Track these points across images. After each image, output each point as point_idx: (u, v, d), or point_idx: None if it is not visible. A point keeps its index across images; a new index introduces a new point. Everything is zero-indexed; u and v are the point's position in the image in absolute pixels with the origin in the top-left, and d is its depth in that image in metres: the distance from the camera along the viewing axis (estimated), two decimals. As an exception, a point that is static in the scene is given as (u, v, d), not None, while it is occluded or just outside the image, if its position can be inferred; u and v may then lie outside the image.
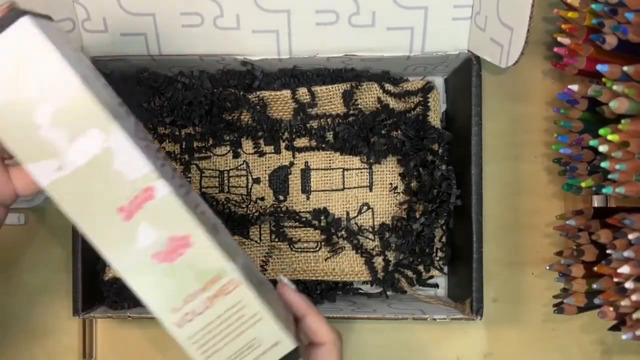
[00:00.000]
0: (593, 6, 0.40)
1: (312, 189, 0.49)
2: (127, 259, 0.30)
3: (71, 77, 0.28)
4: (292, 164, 0.49)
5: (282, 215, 0.48)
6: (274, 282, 0.49)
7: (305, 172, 0.49)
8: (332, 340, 0.35)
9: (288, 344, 0.33)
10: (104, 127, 0.29)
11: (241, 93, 0.47)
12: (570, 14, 0.42)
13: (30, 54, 0.28)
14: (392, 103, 0.48)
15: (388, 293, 0.49)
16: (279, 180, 0.49)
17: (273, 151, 0.49)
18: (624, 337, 0.41)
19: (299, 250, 0.48)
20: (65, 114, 0.28)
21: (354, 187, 0.49)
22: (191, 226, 0.31)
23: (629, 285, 0.39)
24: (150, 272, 0.31)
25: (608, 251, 0.41)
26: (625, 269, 0.39)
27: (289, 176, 0.49)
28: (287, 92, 0.47)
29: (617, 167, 0.38)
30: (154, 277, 0.31)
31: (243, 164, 0.49)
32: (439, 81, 0.50)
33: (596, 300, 0.42)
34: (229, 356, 0.32)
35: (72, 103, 0.28)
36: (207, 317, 0.32)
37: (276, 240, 0.48)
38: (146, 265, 0.31)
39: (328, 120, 0.48)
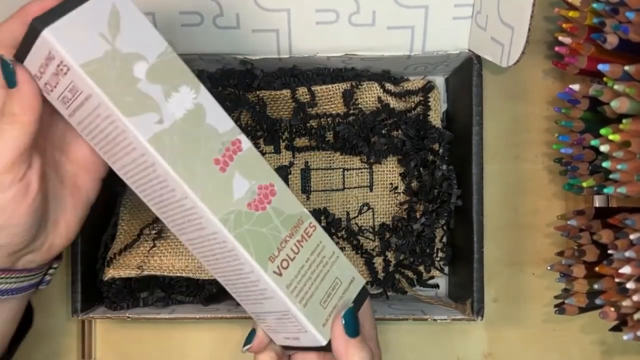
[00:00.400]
0: (594, 5, 0.39)
1: (312, 189, 0.49)
2: (227, 210, 0.31)
3: (159, 38, 0.31)
4: (291, 163, 0.49)
5: (282, 215, 0.48)
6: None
7: (305, 172, 0.49)
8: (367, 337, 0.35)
9: (360, 279, 0.35)
10: (193, 85, 0.31)
11: (241, 92, 0.46)
12: (571, 13, 0.41)
13: (125, 13, 0.30)
14: (393, 102, 0.48)
15: (388, 293, 0.49)
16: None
17: (273, 151, 0.49)
18: (625, 337, 0.41)
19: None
20: (158, 72, 0.30)
21: (354, 187, 0.48)
22: (273, 175, 0.33)
23: (630, 285, 0.39)
24: (248, 221, 0.32)
25: (609, 251, 0.41)
26: (626, 270, 0.39)
27: (289, 176, 0.49)
28: (287, 92, 0.47)
29: (619, 167, 0.38)
30: (252, 226, 0.32)
31: (243, 163, 0.49)
32: (439, 81, 0.50)
33: (597, 301, 0.41)
34: (321, 299, 0.34)
35: (163, 61, 0.31)
36: (299, 262, 0.33)
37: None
38: (244, 215, 0.32)
39: (328, 119, 0.48)
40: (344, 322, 0.34)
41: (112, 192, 0.49)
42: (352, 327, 0.34)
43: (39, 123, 0.31)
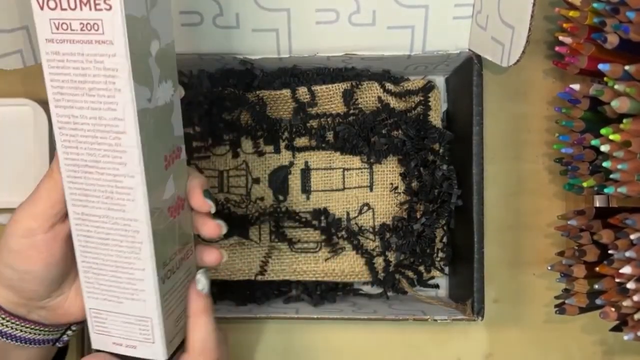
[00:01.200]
0: (594, 5, 0.39)
1: (312, 189, 0.49)
2: (157, 205, 0.32)
3: (171, 29, 0.32)
4: (292, 163, 0.49)
5: (281, 215, 0.48)
6: (275, 282, 0.49)
7: (305, 172, 0.49)
8: (197, 351, 0.34)
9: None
10: (174, 82, 0.33)
11: (241, 92, 0.46)
12: (571, 13, 0.41)
13: None
14: (393, 102, 0.47)
15: (389, 294, 0.49)
16: (278, 180, 0.49)
17: (273, 151, 0.49)
18: (625, 337, 0.41)
19: (299, 250, 0.48)
20: (161, 57, 0.31)
21: (355, 187, 0.48)
22: (185, 192, 0.35)
23: (630, 285, 0.39)
24: (163, 223, 0.33)
25: (610, 251, 0.41)
26: (627, 270, 0.39)
27: (289, 176, 0.49)
28: (286, 92, 0.47)
29: (619, 166, 0.38)
30: (164, 229, 0.33)
31: (242, 163, 0.49)
32: (439, 80, 0.50)
33: (598, 301, 0.41)
34: (177, 317, 0.35)
35: (167, 50, 0.32)
36: (177, 276, 0.35)
37: (276, 240, 0.48)
38: (164, 216, 0.33)
39: (328, 119, 0.48)
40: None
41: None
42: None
43: None
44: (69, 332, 0.38)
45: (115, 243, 0.33)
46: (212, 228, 0.36)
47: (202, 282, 0.35)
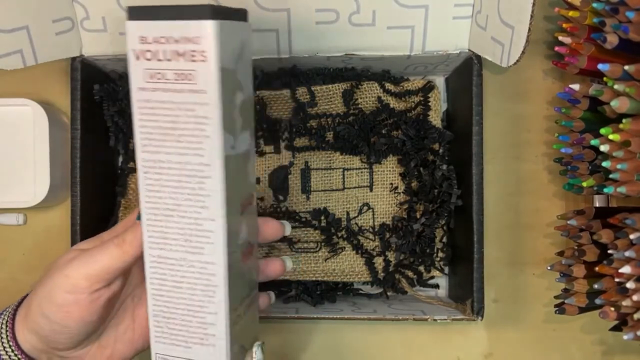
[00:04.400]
0: (594, 5, 0.39)
1: (312, 189, 0.49)
2: (234, 248, 0.33)
3: (251, 81, 0.33)
4: (291, 163, 0.49)
5: (281, 215, 0.48)
6: (275, 283, 0.49)
7: (305, 172, 0.49)
8: None
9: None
10: (251, 133, 0.34)
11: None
12: (571, 13, 0.41)
13: (247, 47, 0.32)
14: (393, 102, 0.48)
15: (388, 293, 0.49)
16: (278, 180, 0.49)
17: (273, 151, 0.49)
18: (625, 337, 0.41)
19: (299, 250, 0.48)
20: (243, 107, 0.32)
21: (354, 187, 0.48)
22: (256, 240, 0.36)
23: (630, 285, 0.39)
24: (237, 266, 0.33)
25: (609, 251, 0.41)
26: (626, 269, 0.39)
27: (289, 176, 0.49)
28: (286, 92, 0.47)
29: (619, 166, 0.38)
30: (237, 272, 0.33)
31: (243, 163, 0.49)
32: (439, 80, 0.50)
33: (597, 301, 0.41)
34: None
35: (247, 102, 0.33)
36: (242, 324, 0.35)
37: (276, 240, 0.48)
38: (238, 258, 0.33)
39: (328, 119, 0.48)
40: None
41: (111, 193, 0.49)
42: None
43: (137, 260, 0.33)
44: None
45: (189, 286, 0.33)
46: (274, 227, 0.37)
47: (258, 356, 0.36)
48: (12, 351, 0.34)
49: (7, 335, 0.34)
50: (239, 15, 0.31)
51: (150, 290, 0.33)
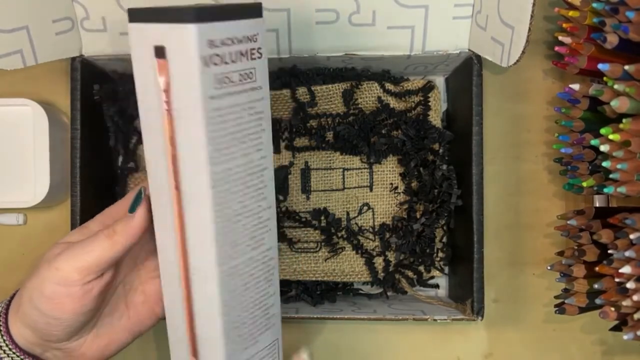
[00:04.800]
0: (594, 5, 0.39)
1: (312, 189, 0.49)
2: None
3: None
4: (291, 163, 0.49)
5: (281, 215, 0.48)
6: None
7: (305, 172, 0.49)
8: None
9: None
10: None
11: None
12: (571, 13, 0.41)
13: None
14: (393, 102, 0.48)
15: (388, 293, 0.49)
16: (278, 180, 0.49)
17: (273, 151, 0.49)
18: (625, 337, 0.41)
19: (299, 250, 0.48)
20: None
21: (354, 187, 0.48)
22: None
23: (630, 285, 0.39)
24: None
25: (609, 251, 0.41)
26: (626, 269, 0.39)
27: (289, 176, 0.49)
28: (286, 92, 0.47)
29: (619, 166, 0.38)
30: None
31: (243, 163, 0.49)
32: (439, 80, 0.50)
33: (597, 301, 0.41)
34: None
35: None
36: None
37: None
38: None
39: (328, 119, 0.48)
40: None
41: (111, 193, 0.49)
42: None
43: (128, 251, 0.34)
44: None
45: (255, 282, 0.33)
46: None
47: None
48: (7, 345, 0.34)
49: (0, 330, 0.34)
50: (261, 10, 0.31)
51: (220, 306, 0.31)
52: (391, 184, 0.48)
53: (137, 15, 0.28)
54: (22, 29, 0.40)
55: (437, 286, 0.50)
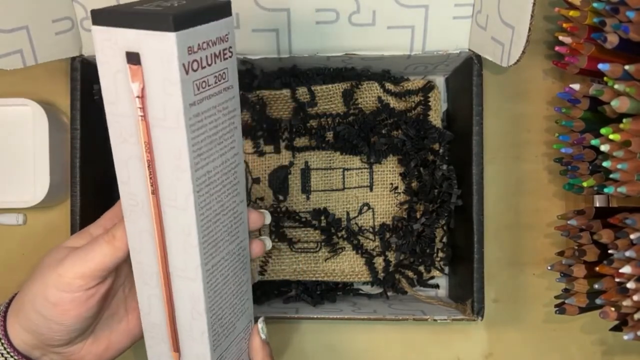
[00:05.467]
0: (594, 5, 0.39)
1: (312, 189, 0.49)
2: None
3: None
4: (291, 163, 0.49)
5: (281, 215, 0.48)
6: (275, 283, 0.49)
7: (305, 172, 0.49)
8: None
9: None
10: None
11: (241, 92, 0.46)
12: (571, 13, 0.41)
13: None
14: (393, 102, 0.47)
15: (388, 294, 0.49)
16: (278, 180, 0.48)
17: (273, 151, 0.49)
18: (625, 337, 0.41)
19: (299, 250, 0.48)
20: None
21: (354, 187, 0.48)
22: None
23: (630, 285, 0.39)
24: None
25: (610, 251, 0.41)
26: (627, 269, 0.39)
27: (289, 176, 0.49)
28: (286, 92, 0.47)
29: (619, 166, 0.38)
30: None
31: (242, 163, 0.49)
32: (439, 80, 0.50)
33: (598, 301, 0.41)
34: None
35: None
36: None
37: (276, 240, 0.48)
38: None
39: (328, 119, 0.48)
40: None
41: (111, 193, 0.49)
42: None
43: (129, 255, 0.33)
44: None
45: (233, 273, 0.33)
46: (256, 218, 0.36)
47: (264, 331, 0.37)
48: (5, 348, 0.34)
49: None
50: (230, 8, 0.30)
51: (207, 302, 0.32)
52: (391, 184, 0.48)
53: (103, 17, 0.27)
54: (22, 29, 0.40)
55: (437, 286, 0.50)
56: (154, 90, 0.27)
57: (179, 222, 0.30)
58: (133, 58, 0.27)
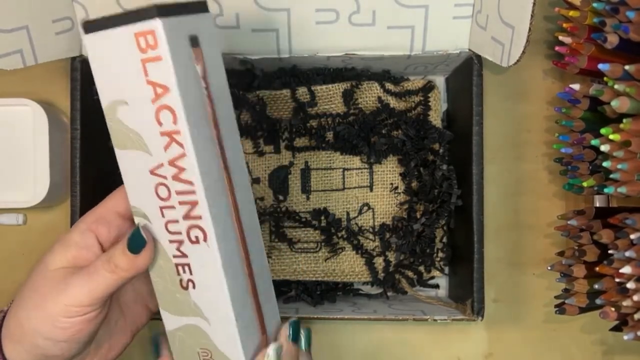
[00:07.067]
0: (594, 5, 0.39)
1: (312, 189, 0.49)
2: None
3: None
4: (291, 163, 0.49)
5: (281, 215, 0.48)
6: (275, 282, 0.49)
7: (305, 172, 0.49)
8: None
9: None
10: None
11: (241, 92, 0.46)
12: (571, 13, 0.41)
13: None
14: (393, 102, 0.47)
15: (388, 294, 0.49)
16: (278, 180, 0.49)
17: (273, 151, 0.49)
18: (625, 337, 0.41)
19: (299, 250, 0.48)
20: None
21: (354, 187, 0.48)
22: None
23: (630, 285, 0.39)
24: None
25: (610, 251, 0.41)
26: (627, 269, 0.39)
27: (289, 176, 0.49)
28: (286, 92, 0.47)
29: (619, 166, 0.38)
30: None
31: (243, 163, 0.49)
32: (439, 80, 0.50)
33: (598, 301, 0.41)
34: None
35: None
36: None
37: (276, 240, 0.48)
38: None
39: (328, 119, 0.48)
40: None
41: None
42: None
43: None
44: None
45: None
46: None
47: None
48: None
49: None
50: (195, 7, 0.31)
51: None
52: (391, 184, 0.48)
53: (149, 12, 0.28)
54: (22, 29, 0.40)
55: (437, 286, 0.50)
56: (210, 69, 0.31)
57: (245, 200, 0.34)
58: (195, 41, 0.30)
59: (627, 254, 0.39)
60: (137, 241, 0.32)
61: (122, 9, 0.42)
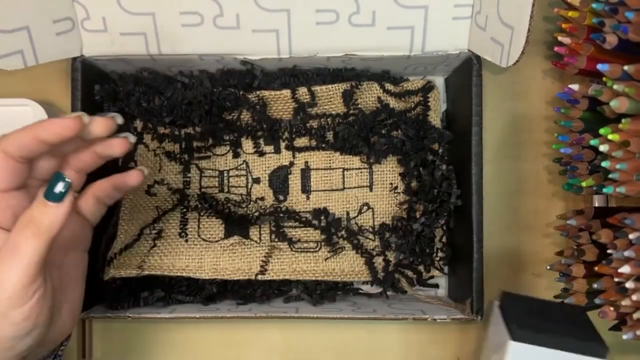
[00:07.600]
0: (593, 5, 0.40)
1: (312, 189, 0.49)
2: None
3: None
4: (292, 163, 0.49)
5: (282, 215, 0.48)
6: (276, 282, 0.49)
7: (305, 172, 0.49)
8: None
9: None
10: None
11: (241, 93, 0.46)
12: (570, 13, 0.42)
13: None
14: (393, 103, 0.48)
15: (388, 293, 0.49)
16: (278, 180, 0.49)
17: (273, 151, 0.49)
18: (624, 337, 0.41)
19: (299, 250, 0.48)
20: None
21: (354, 187, 0.49)
22: None
23: (629, 285, 0.39)
24: None
25: (609, 251, 0.41)
26: (625, 269, 0.39)
27: (289, 176, 0.49)
28: (287, 92, 0.47)
29: (618, 166, 0.38)
30: None
31: (243, 163, 0.49)
32: (439, 81, 0.50)
33: (597, 300, 0.42)
34: None
35: None
36: None
37: (276, 240, 0.48)
38: None
39: (328, 120, 0.48)
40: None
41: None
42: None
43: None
44: (61, 350, 0.37)
45: None
46: (120, 145, 0.34)
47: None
48: None
49: None
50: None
51: None
52: (391, 184, 0.48)
53: None
54: (22, 29, 0.40)
55: (436, 286, 0.50)
56: None
57: None
58: None
59: (626, 253, 0.39)
60: (56, 185, 0.30)
61: (122, 9, 0.42)
